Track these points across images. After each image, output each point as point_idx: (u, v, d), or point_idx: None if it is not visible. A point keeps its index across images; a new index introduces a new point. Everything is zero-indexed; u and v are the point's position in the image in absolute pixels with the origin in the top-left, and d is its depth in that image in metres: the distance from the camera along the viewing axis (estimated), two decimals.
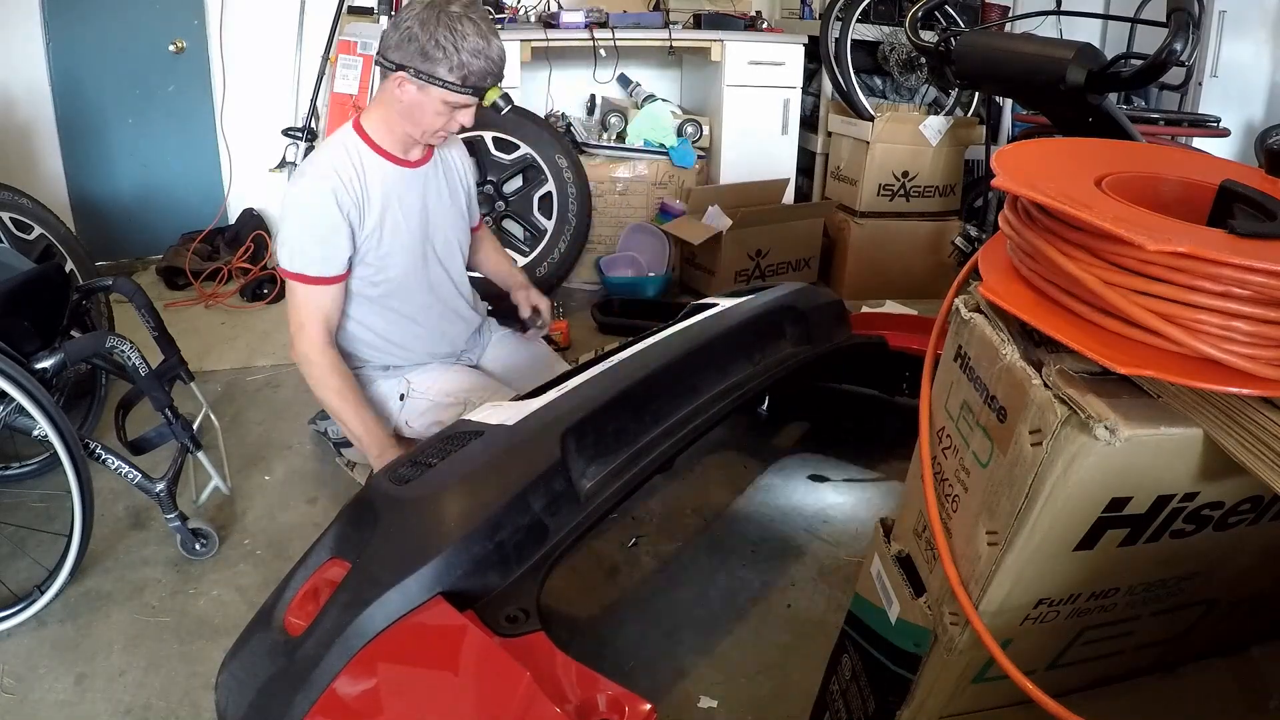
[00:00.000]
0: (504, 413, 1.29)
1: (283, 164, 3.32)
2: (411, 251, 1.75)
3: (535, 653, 0.93)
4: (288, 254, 1.62)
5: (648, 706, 0.86)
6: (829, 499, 1.90)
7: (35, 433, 1.49)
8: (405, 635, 0.94)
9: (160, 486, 1.60)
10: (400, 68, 1.57)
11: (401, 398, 1.80)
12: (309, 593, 1.04)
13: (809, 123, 3.60)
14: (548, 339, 2.24)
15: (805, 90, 3.45)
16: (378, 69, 1.66)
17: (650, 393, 1.37)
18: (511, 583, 1.04)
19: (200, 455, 1.70)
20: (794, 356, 1.67)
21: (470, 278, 1.96)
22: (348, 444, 1.90)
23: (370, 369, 1.84)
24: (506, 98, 1.73)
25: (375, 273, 1.71)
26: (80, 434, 1.51)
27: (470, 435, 1.24)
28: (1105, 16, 3.52)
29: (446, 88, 1.57)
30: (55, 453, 1.46)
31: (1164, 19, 1.36)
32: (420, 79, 1.56)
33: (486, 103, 1.65)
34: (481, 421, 1.28)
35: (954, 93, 3.42)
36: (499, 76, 1.64)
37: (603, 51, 3.11)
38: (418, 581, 0.98)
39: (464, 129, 1.69)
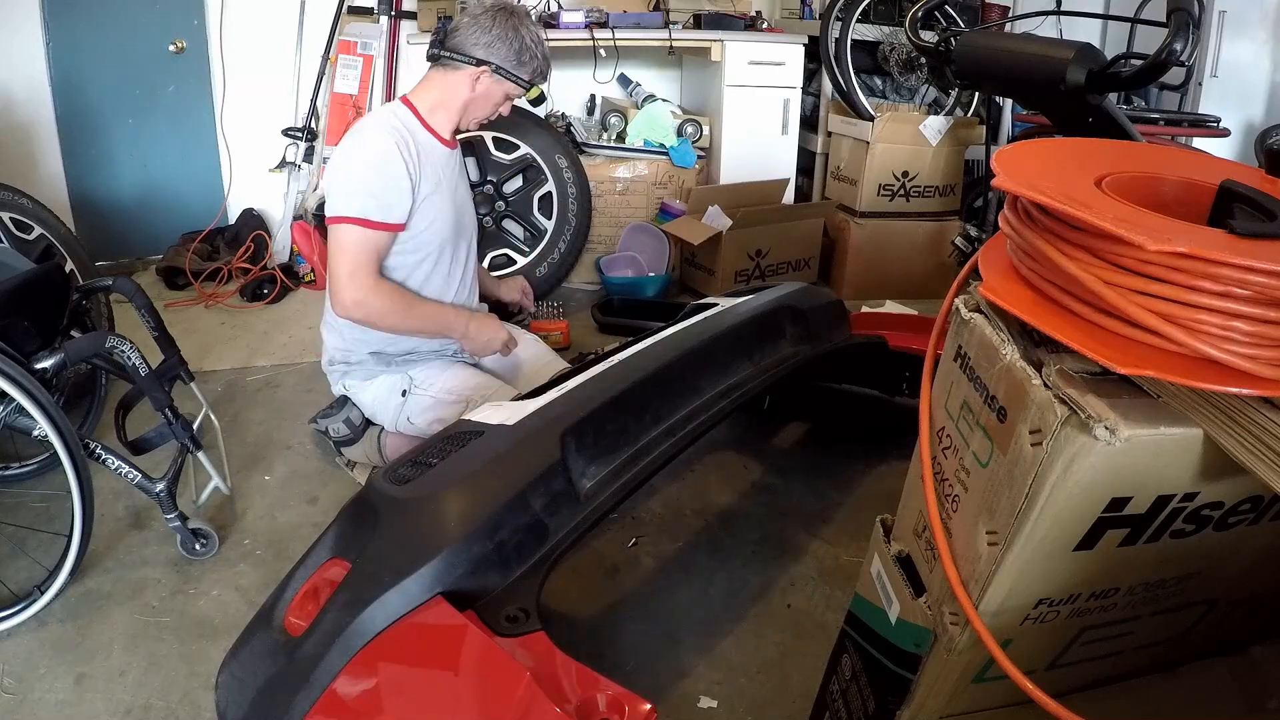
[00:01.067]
0: (504, 412, 1.29)
1: (283, 164, 3.32)
2: (448, 224, 1.80)
3: (535, 653, 0.93)
4: (346, 197, 1.64)
5: (648, 706, 0.86)
6: (829, 499, 1.90)
7: (35, 433, 1.49)
8: (405, 635, 0.94)
9: (160, 486, 1.60)
10: (482, 63, 1.73)
11: (404, 394, 1.81)
12: (309, 593, 1.04)
13: (809, 123, 3.60)
14: (545, 338, 2.24)
15: (805, 90, 3.45)
16: (429, 63, 1.80)
17: (650, 392, 1.37)
18: (511, 583, 1.04)
19: (200, 455, 1.70)
20: (794, 356, 1.67)
21: None
22: (348, 444, 1.91)
23: (372, 362, 1.84)
24: (543, 94, 2.02)
25: (415, 237, 1.74)
26: (80, 434, 1.51)
27: (470, 435, 1.24)
28: (1105, 16, 3.52)
29: (517, 83, 1.78)
30: (55, 453, 1.45)
31: (1164, 19, 1.36)
32: (500, 74, 1.75)
33: (531, 95, 1.88)
34: (481, 421, 1.28)
35: (954, 93, 3.41)
36: None
37: (603, 51, 3.11)
38: (418, 581, 0.98)
39: (501, 118, 1.86)
